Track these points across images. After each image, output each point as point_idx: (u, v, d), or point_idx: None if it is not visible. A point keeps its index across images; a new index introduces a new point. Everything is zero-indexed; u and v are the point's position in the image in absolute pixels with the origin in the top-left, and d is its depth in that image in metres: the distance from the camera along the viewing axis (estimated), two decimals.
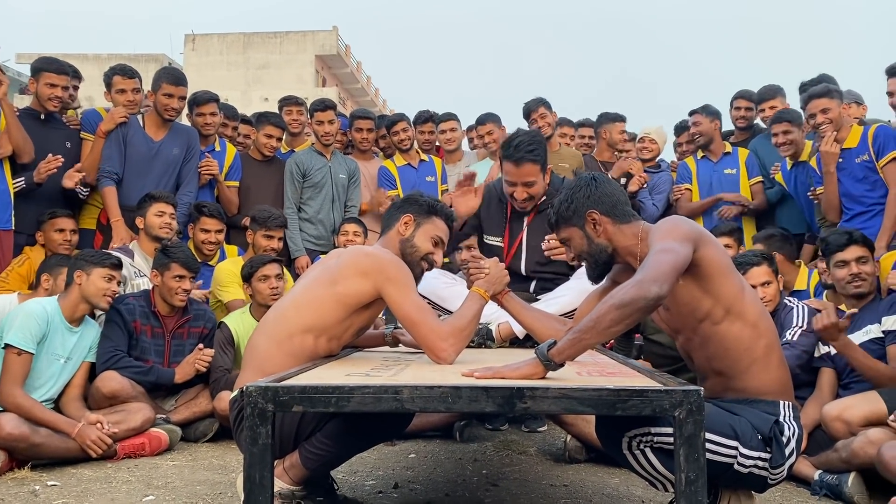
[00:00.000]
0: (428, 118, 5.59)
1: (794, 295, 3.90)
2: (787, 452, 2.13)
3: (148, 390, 3.70)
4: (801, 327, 3.41)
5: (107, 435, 3.25)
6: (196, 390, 3.87)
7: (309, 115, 5.41)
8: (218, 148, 5.02)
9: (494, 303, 2.71)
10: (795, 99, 4.83)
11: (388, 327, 2.97)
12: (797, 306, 3.53)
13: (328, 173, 5.15)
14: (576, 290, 3.13)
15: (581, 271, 3.29)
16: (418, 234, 2.64)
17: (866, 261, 3.34)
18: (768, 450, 2.09)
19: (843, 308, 3.40)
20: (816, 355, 3.39)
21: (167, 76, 4.67)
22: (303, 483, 2.34)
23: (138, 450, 3.39)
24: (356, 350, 2.84)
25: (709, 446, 1.80)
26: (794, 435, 2.15)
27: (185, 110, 4.93)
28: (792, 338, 3.39)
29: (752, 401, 2.16)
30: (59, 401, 3.47)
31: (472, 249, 3.52)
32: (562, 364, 1.94)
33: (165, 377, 3.75)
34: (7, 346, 3.24)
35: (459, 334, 2.39)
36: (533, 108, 5.36)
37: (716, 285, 2.14)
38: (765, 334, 2.19)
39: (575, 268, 3.36)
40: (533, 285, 3.47)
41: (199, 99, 4.95)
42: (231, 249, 4.79)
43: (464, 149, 5.79)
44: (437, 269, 3.49)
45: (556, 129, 5.50)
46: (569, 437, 3.33)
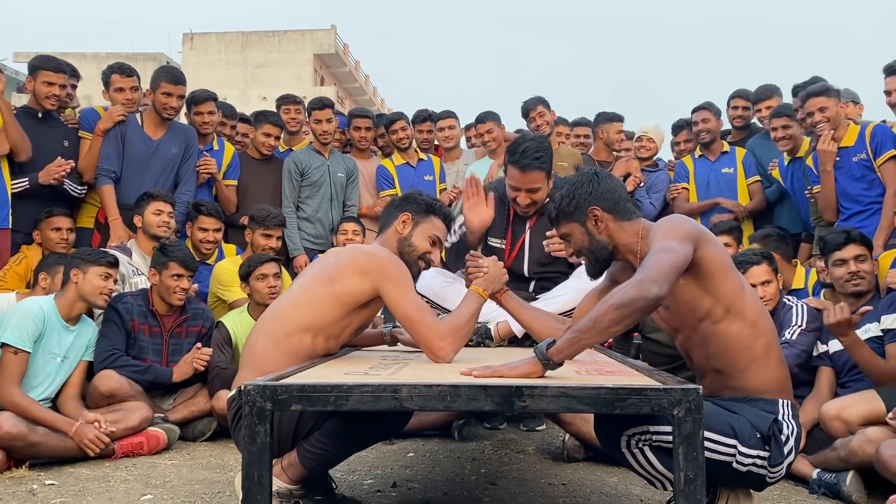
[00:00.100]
0: (426, 117, 5.58)
1: (791, 294, 3.90)
2: (786, 451, 2.13)
3: (146, 389, 3.70)
4: (800, 326, 3.42)
5: (104, 434, 3.25)
6: (194, 389, 3.86)
7: (307, 113, 5.40)
8: (216, 147, 5.01)
9: (493, 301, 2.71)
10: (790, 100, 4.85)
11: (387, 326, 2.97)
12: (796, 305, 3.54)
13: (326, 172, 5.14)
14: (574, 290, 3.13)
15: (580, 270, 3.30)
16: (416, 233, 2.63)
17: (864, 259, 3.35)
18: (767, 448, 2.09)
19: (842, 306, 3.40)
20: (815, 354, 3.40)
21: (166, 75, 4.66)
22: (301, 482, 2.34)
23: (136, 449, 3.38)
24: (355, 349, 2.84)
25: (707, 445, 1.80)
26: (792, 433, 2.16)
27: (184, 109, 4.93)
28: (791, 337, 3.39)
29: (751, 399, 2.16)
30: (56, 400, 3.47)
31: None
32: (560, 363, 1.95)
33: (163, 376, 3.74)
34: (3, 345, 3.23)
35: (458, 333, 2.39)
36: (531, 107, 5.36)
37: (716, 284, 2.13)
38: (764, 333, 2.19)
39: (574, 267, 3.35)
40: (532, 285, 3.47)
41: (197, 98, 4.94)
42: (229, 248, 4.78)
43: (462, 147, 5.79)
44: (436, 268, 3.49)
45: (553, 129, 5.50)
46: (567, 435, 3.33)
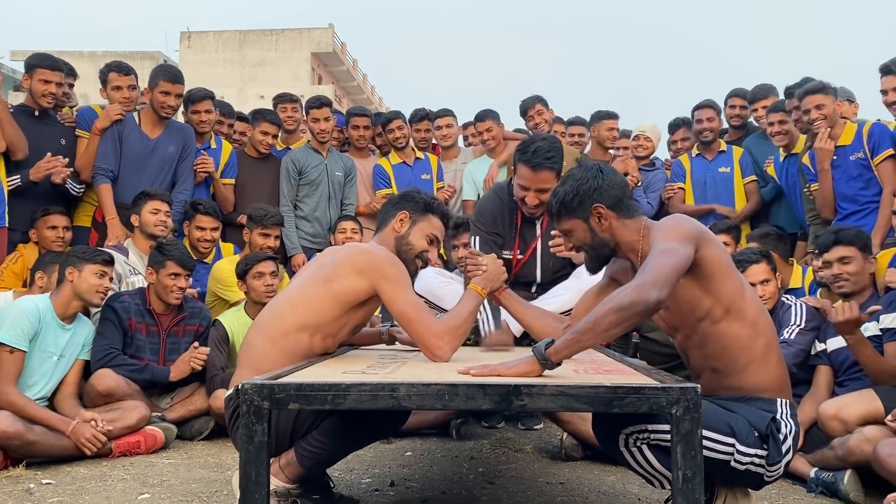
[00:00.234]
0: (423, 116, 5.57)
1: (789, 293, 3.90)
2: (784, 450, 2.13)
3: (143, 388, 3.69)
4: (798, 325, 3.42)
5: (101, 433, 3.25)
6: (191, 388, 3.86)
7: (305, 112, 5.40)
8: (214, 145, 5.00)
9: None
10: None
11: (385, 325, 2.96)
12: (795, 304, 3.54)
13: (324, 171, 5.14)
14: (573, 290, 3.13)
15: (579, 271, 3.30)
16: (414, 231, 2.62)
17: (849, 261, 3.29)
18: (765, 447, 2.09)
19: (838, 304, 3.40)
20: (813, 353, 3.40)
21: (164, 74, 4.66)
22: (299, 481, 2.33)
23: (133, 448, 3.38)
24: (352, 348, 2.83)
25: (705, 443, 1.80)
26: (790, 432, 2.16)
27: (181, 108, 4.92)
28: (789, 336, 3.39)
29: (750, 398, 2.16)
30: (53, 399, 3.46)
31: (468, 247, 3.50)
32: (558, 363, 1.95)
33: (160, 375, 3.74)
34: None
35: (455, 332, 2.38)
36: (530, 105, 5.36)
37: (716, 285, 2.13)
38: (763, 333, 2.18)
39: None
40: (534, 288, 3.46)
41: (194, 96, 4.93)
42: (227, 247, 4.77)
43: (460, 146, 5.78)
44: (434, 268, 3.48)
45: (551, 128, 5.50)
46: (565, 434, 3.33)
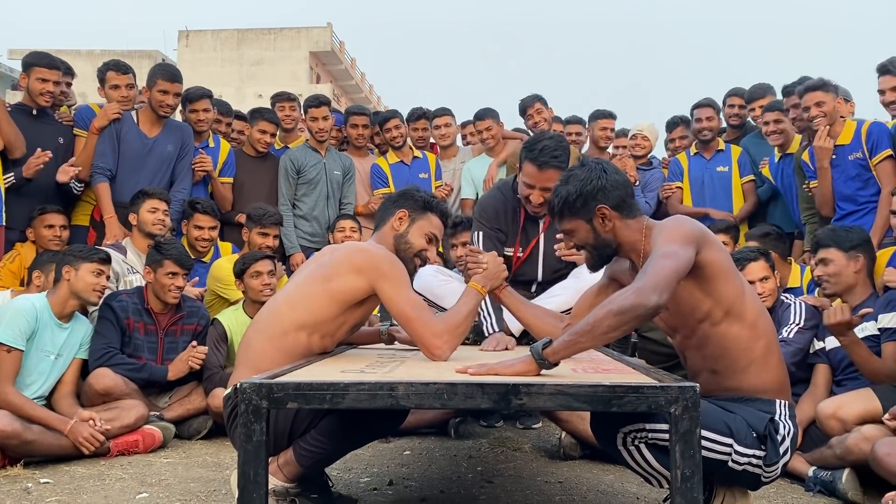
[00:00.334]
0: (421, 115, 5.57)
1: (787, 292, 3.90)
2: (782, 451, 2.13)
3: (141, 387, 3.68)
4: (797, 324, 3.41)
5: (100, 432, 3.24)
6: (190, 387, 3.86)
7: (303, 111, 5.39)
8: (212, 144, 4.99)
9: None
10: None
11: (385, 324, 2.96)
12: (794, 303, 3.54)
13: (323, 170, 5.13)
14: (571, 290, 3.13)
15: (578, 270, 3.29)
16: (413, 229, 2.61)
17: (828, 263, 3.29)
18: (763, 448, 2.09)
19: (837, 303, 3.40)
20: (811, 351, 3.40)
21: (162, 72, 4.65)
22: (297, 480, 2.33)
23: (132, 447, 3.37)
24: (351, 347, 2.83)
25: (703, 443, 1.79)
26: (789, 433, 2.15)
27: (179, 107, 4.91)
28: (788, 334, 3.39)
29: (748, 399, 2.16)
30: (50, 398, 3.45)
31: (467, 246, 3.50)
32: (556, 364, 1.94)
33: (158, 374, 3.73)
34: None
35: (454, 331, 2.38)
36: (529, 104, 5.36)
37: (717, 287, 2.12)
38: (763, 335, 2.18)
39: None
40: (534, 287, 3.45)
41: (192, 95, 4.92)
42: (225, 246, 4.77)
43: (458, 145, 5.78)
44: (433, 267, 3.48)
45: (550, 126, 5.49)
46: (563, 433, 3.33)
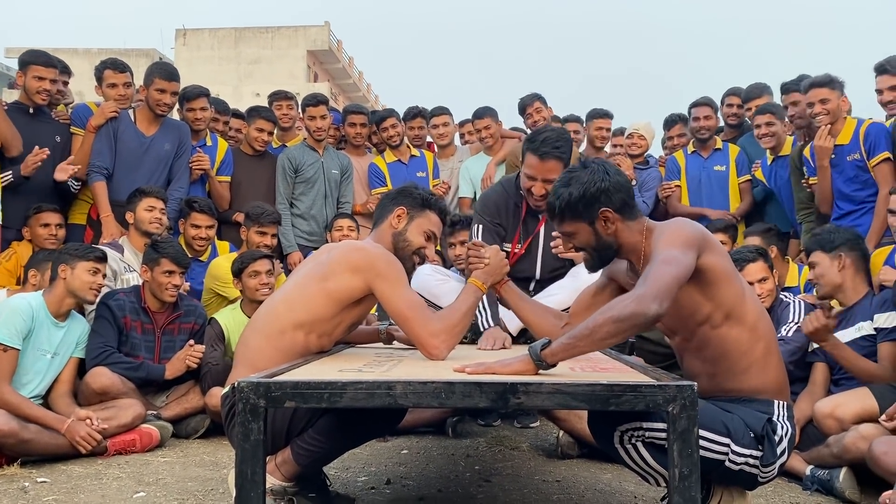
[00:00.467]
0: (417, 114, 5.57)
1: (785, 291, 3.91)
2: (779, 451, 2.13)
3: (138, 386, 3.68)
4: (796, 323, 3.42)
5: (97, 431, 3.24)
6: (187, 386, 3.85)
7: (301, 110, 5.38)
8: (209, 143, 4.99)
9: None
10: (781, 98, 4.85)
11: (383, 324, 2.95)
12: (793, 302, 3.54)
13: (320, 169, 5.12)
14: (569, 289, 3.12)
15: (576, 269, 3.29)
16: (411, 227, 2.60)
17: (814, 265, 3.34)
18: (760, 448, 2.08)
19: (835, 304, 3.41)
20: (810, 350, 3.40)
21: (160, 71, 4.64)
22: (295, 479, 2.33)
23: (129, 446, 3.37)
24: (349, 346, 2.83)
25: (700, 443, 1.80)
26: (786, 434, 2.15)
27: (176, 105, 4.90)
28: (787, 333, 3.40)
29: (747, 399, 2.16)
30: (47, 397, 3.45)
31: (465, 244, 3.49)
32: (553, 365, 1.94)
33: (156, 373, 3.73)
34: None
35: (452, 330, 2.38)
36: (528, 103, 5.36)
37: (717, 291, 2.12)
38: (763, 337, 2.18)
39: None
40: (533, 285, 3.45)
41: (189, 94, 4.91)
42: (222, 245, 4.76)
43: (456, 144, 5.78)
44: (431, 266, 3.48)
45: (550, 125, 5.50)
46: (561, 432, 3.33)
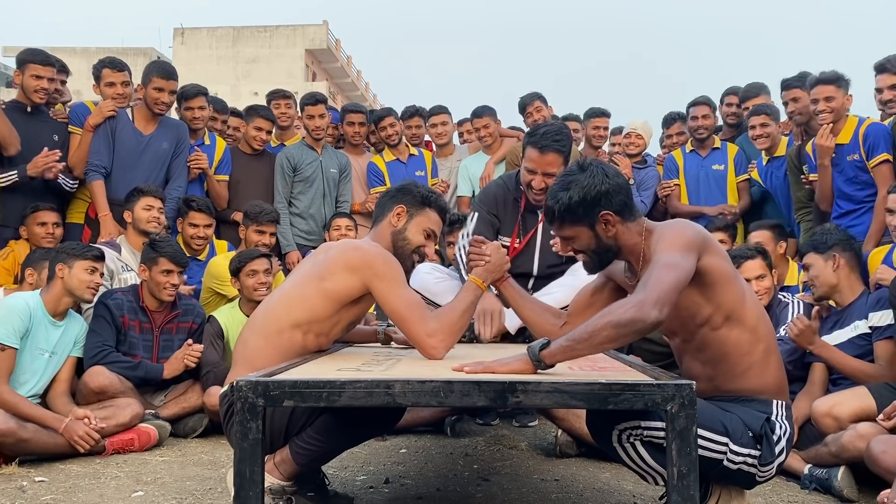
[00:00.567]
0: (414, 112, 5.57)
1: (784, 290, 3.91)
2: (777, 451, 2.13)
3: (136, 386, 3.68)
4: (800, 317, 3.42)
5: (95, 430, 3.23)
6: (185, 386, 3.85)
7: (299, 109, 5.38)
8: (207, 142, 4.98)
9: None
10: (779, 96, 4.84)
11: (382, 325, 2.95)
12: (792, 302, 3.55)
13: (319, 168, 5.12)
14: (568, 287, 3.12)
15: (574, 267, 3.29)
16: (411, 226, 2.58)
17: (808, 267, 3.36)
18: (758, 447, 2.09)
19: (833, 303, 3.41)
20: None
21: (158, 70, 4.64)
22: (293, 478, 2.32)
23: (127, 445, 3.37)
24: (347, 345, 2.83)
25: (699, 442, 1.80)
26: (785, 434, 2.16)
27: (174, 104, 4.90)
28: (785, 334, 3.40)
29: (746, 399, 2.16)
30: (45, 396, 3.44)
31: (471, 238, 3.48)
32: (551, 366, 1.94)
33: (154, 373, 3.72)
34: None
35: (450, 330, 2.37)
36: (528, 102, 5.35)
37: (717, 293, 2.12)
38: (763, 338, 2.18)
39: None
40: (531, 282, 3.45)
41: (187, 93, 4.90)
42: (221, 244, 4.76)
43: (454, 143, 5.78)
44: (430, 264, 3.48)
45: None
46: (560, 431, 3.33)
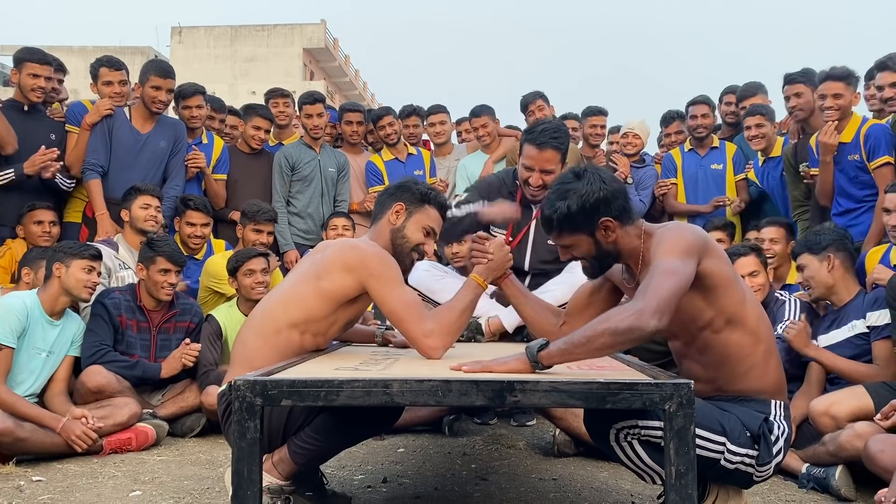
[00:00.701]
0: (412, 111, 5.56)
1: (785, 289, 3.91)
2: (775, 451, 2.13)
3: (134, 385, 3.67)
4: (792, 321, 3.43)
5: (92, 430, 3.23)
6: (183, 385, 3.84)
7: (297, 108, 5.37)
8: (205, 141, 4.97)
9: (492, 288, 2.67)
10: (778, 96, 4.85)
11: (381, 327, 2.94)
12: (789, 300, 3.55)
13: (317, 167, 5.12)
14: (566, 285, 3.12)
15: (572, 264, 3.29)
16: (410, 223, 2.57)
17: (803, 268, 3.37)
18: (756, 447, 2.09)
19: (831, 302, 3.42)
20: None
21: (155, 69, 4.63)
22: (291, 477, 2.32)
23: (125, 445, 3.36)
24: (345, 344, 2.82)
25: (696, 441, 1.80)
26: (782, 434, 2.16)
27: (172, 103, 4.89)
28: (782, 332, 3.40)
29: (744, 399, 2.16)
30: (42, 396, 3.44)
31: (464, 243, 3.49)
32: (549, 366, 1.93)
33: (151, 372, 3.72)
34: None
35: (448, 329, 2.36)
36: (531, 101, 5.34)
37: (718, 297, 2.11)
38: (764, 339, 2.18)
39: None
40: (528, 280, 3.46)
41: (185, 92, 4.90)
42: (218, 244, 4.75)
43: (453, 142, 5.77)
44: (429, 262, 3.47)
45: None
46: (558, 431, 3.33)
